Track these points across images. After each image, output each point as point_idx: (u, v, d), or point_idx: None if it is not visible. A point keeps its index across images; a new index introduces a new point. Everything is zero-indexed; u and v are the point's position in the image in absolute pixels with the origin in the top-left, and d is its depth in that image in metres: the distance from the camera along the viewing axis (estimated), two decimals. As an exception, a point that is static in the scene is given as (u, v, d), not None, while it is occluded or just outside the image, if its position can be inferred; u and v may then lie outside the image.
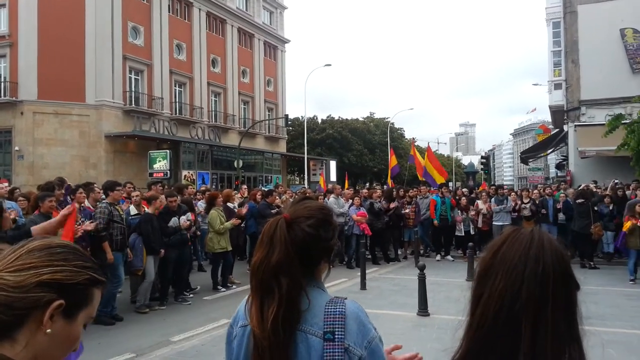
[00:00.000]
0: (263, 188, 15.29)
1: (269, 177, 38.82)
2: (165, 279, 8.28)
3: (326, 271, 1.46)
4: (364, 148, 52.87)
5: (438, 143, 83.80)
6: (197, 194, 13.40)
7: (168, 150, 26.45)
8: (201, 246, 11.32)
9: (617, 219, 11.55)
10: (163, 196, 8.39)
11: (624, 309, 7.75)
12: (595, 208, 11.67)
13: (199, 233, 10.61)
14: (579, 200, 11.86)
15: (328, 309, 1.31)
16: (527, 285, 1.02)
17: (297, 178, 54.82)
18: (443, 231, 13.29)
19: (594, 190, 12.98)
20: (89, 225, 6.51)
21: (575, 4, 18.35)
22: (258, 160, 38.91)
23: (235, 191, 13.27)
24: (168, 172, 25.40)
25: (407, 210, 13.09)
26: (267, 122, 41.49)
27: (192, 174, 30.67)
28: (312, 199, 1.54)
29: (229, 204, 10.22)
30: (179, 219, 8.30)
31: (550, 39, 21.74)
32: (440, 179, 17.78)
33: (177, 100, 32.77)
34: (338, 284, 9.80)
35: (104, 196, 7.82)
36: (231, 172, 32.83)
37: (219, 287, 9.32)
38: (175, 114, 32.11)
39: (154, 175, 24.90)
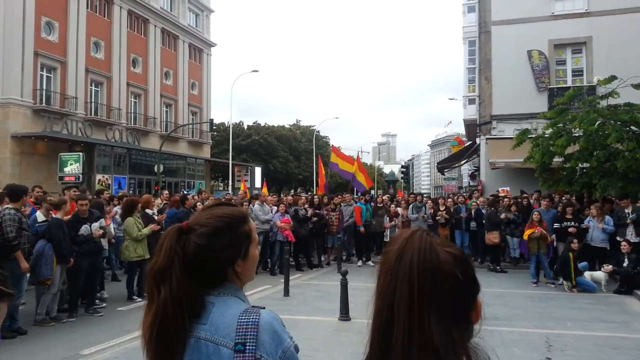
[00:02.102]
0: (185, 192, 14.82)
1: (192, 183, 37.84)
2: (75, 289, 7.77)
3: (245, 278, 1.41)
4: (290, 155, 53.10)
5: (361, 152, 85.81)
6: (114, 199, 12.70)
7: (81, 153, 24.95)
8: (115, 255, 10.74)
9: (522, 226, 12.42)
10: (66, 200, 7.87)
11: (528, 310, 8.32)
12: (504, 216, 12.44)
13: (113, 241, 10.08)
14: (486, 208, 12.66)
15: (241, 319, 1.28)
16: (400, 285, 1.00)
17: (222, 184, 53.89)
18: (367, 237, 13.63)
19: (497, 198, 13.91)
20: None
21: (490, 25, 19.60)
22: (180, 165, 37.80)
23: (156, 197, 12.76)
24: (80, 175, 23.93)
25: (328, 215, 13.25)
26: (190, 126, 40.44)
27: (107, 179, 29.18)
28: (229, 205, 1.48)
29: (147, 211, 9.79)
30: (90, 226, 7.82)
31: (466, 57, 23.07)
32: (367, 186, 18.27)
33: (92, 101, 31.08)
34: (261, 290, 9.72)
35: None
36: (151, 177, 31.59)
37: (135, 296, 8.88)
38: (91, 114, 30.41)
39: (65, 179, 23.37)
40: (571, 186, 12.78)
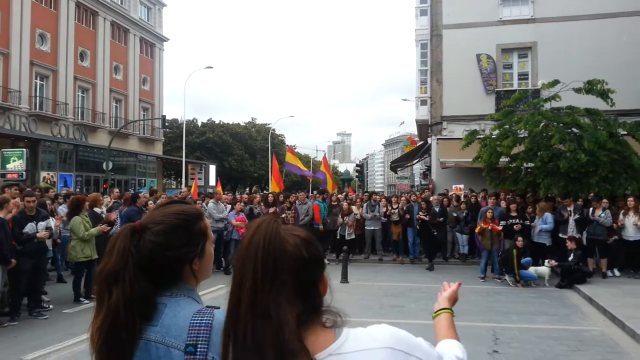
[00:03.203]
0: (135, 191, 14.41)
1: (143, 181, 36.84)
2: (17, 291, 7.43)
3: (201, 276, 1.40)
4: (245, 153, 52.68)
5: (317, 150, 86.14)
6: (59, 197, 12.21)
7: (25, 149, 23.72)
8: (61, 255, 10.32)
9: (471, 223, 12.84)
10: (13, 200, 7.52)
11: (476, 304, 8.61)
12: (422, 216, 12.67)
13: (59, 241, 9.69)
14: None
15: (194, 320, 1.26)
16: (247, 266, 1.08)
17: (174, 182, 52.77)
18: (321, 235, 13.69)
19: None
20: None
21: (441, 28, 20.10)
22: (130, 162, 36.71)
23: (105, 195, 12.36)
24: (24, 173, 22.77)
25: (284, 215, 13.23)
26: (141, 122, 39.34)
27: (52, 176, 27.98)
28: (182, 202, 1.46)
29: (96, 209, 9.47)
30: (36, 224, 7.50)
31: (419, 59, 23.54)
32: (331, 188, 18.63)
33: (37, 95, 29.66)
34: (215, 290, 9.58)
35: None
36: (99, 174, 30.53)
37: (82, 298, 8.58)
38: (35, 109, 29.03)
39: (8, 176, 22.22)
40: (516, 185, 13.28)
